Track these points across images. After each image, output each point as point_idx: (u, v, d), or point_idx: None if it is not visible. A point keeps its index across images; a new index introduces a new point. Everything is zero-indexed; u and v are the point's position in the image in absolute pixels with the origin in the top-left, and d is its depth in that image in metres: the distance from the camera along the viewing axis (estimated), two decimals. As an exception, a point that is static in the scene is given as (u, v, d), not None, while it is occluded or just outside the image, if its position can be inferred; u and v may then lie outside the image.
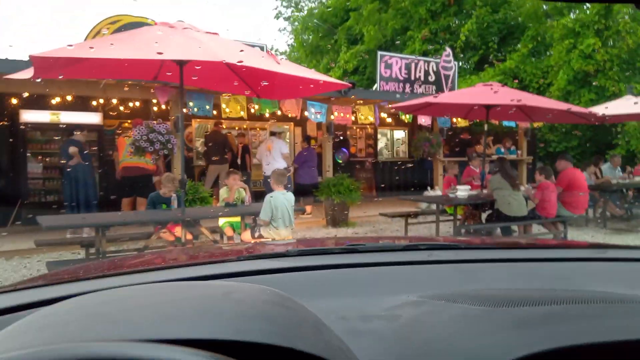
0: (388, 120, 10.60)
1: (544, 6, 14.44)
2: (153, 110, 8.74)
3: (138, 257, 1.62)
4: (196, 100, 7.47)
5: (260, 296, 0.66)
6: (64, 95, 7.49)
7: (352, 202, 8.82)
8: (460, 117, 9.71)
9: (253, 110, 8.24)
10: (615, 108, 8.81)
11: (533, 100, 6.88)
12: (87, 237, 5.80)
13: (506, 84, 9.21)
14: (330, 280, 0.90)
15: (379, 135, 13.60)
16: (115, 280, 0.94)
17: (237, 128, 11.26)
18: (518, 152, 11.70)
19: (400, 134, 13.92)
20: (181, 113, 5.47)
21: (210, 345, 0.47)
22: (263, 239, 5.01)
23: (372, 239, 2.10)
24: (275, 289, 0.69)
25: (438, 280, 0.91)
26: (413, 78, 11.62)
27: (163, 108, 8.26)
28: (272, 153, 8.75)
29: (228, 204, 5.67)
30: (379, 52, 11.58)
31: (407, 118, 10.12)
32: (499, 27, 16.15)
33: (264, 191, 7.22)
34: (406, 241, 1.53)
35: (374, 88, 11.44)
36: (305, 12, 22.57)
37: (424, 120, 9.84)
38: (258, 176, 10.22)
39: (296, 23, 22.80)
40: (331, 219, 8.77)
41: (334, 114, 8.88)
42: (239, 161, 10.01)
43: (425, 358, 0.59)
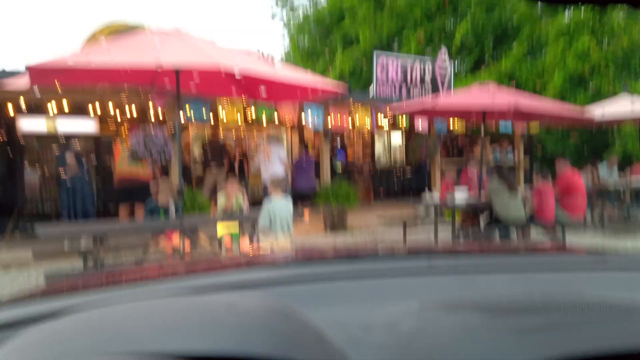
0: (385, 124, 10.62)
1: (539, 6, 14.51)
2: (150, 116, 8.74)
3: (137, 268, 1.62)
4: (193, 106, 7.47)
5: (261, 308, 0.66)
6: (61, 103, 7.48)
7: (350, 208, 8.82)
8: (457, 118, 9.73)
9: (250, 116, 8.25)
10: (611, 109, 8.84)
11: (529, 101, 6.90)
12: (85, 247, 5.78)
13: (502, 85, 9.25)
14: (330, 289, 0.89)
15: (376, 139, 13.62)
16: (115, 292, 0.94)
17: (234, 134, 11.26)
18: (515, 156, 11.73)
19: (397, 138, 13.94)
20: (177, 119, 5.47)
21: (213, 358, 0.47)
22: (262, 246, 5.00)
23: (371, 246, 2.10)
24: (275, 300, 0.69)
25: (437, 288, 0.91)
26: (409, 79, 11.65)
27: (160, 115, 8.26)
28: (271, 159, 8.75)
29: (226, 212, 5.66)
30: (375, 52, 11.59)
31: (404, 122, 10.14)
32: (494, 28, 16.22)
33: (263, 197, 7.22)
34: (405, 248, 1.53)
35: (370, 91, 11.46)
36: (300, 13, 22.60)
37: (421, 124, 9.87)
38: (256, 182, 10.22)
39: (292, 23, 22.80)
40: (329, 225, 8.76)
41: (331, 117, 8.88)
42: (237, 167, 10.01)
43: None
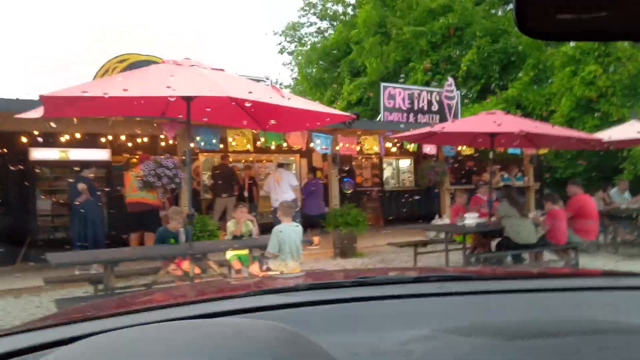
0: (393, 150, 10.65)
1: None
2: (161, 145, 8.85)
3: (147, 294, 1.62)
4: (203, 134, 7.56)
5: (270, 333, 0.66)
6: (73, 132, 7.60)
7: (360, 233, 8.78)
8: (465, 145, 9.75)
9: (259, 142, 8.32)
10: (619, 134, 8.81)
11: (536, 128, 6.91)
12: (96, 274, 5.79)
13: (509, 112, 9.27)
14: (340, 314, 0.89)
15: (385, 164, 13.64)
16: (125, 318, 0.94)
17: (244, 161, 11.35)
18: (525, 179, 11.67)
19: (405, 163, 13.95)
20: (188, 148, 5.53)
21: None
22: (271, 272, 4.97)
23: (382, 271, 2.08)
24: (285, 326, 0.69)
25: (449, 313, 0.90)
26: (416, 108, 11.73)
27: (170, 143, 8.37)
28: (281, 185, 8.77)
29: (236, 237, 5.66)
30: (382, 84, 11.71)
31: (413, 147, 10.17)
32: (500, 57, 16.35)
33: (273, 223, 7.21)
34: (416, 272, 1.52)
35: (378, 119, 11.54)
36: (308, 47, 23.06)
37: (429, 149, 9.88)
38: (265, 208, 10.23)
39: (299, 57, 23.25)
40: (339, 250, 8.71)
41: (339, 145, 8.94)
42: (246, 194, 10.04)
43: None
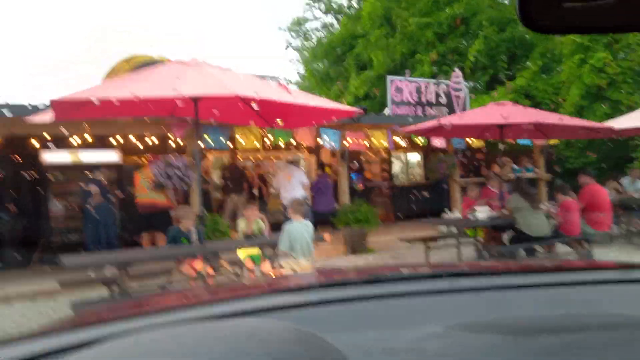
0: (402, 144, 10.61)
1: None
2: (170, 145, 8.90)
3: (161, 296, 1.64)
4: (212, 133, 7.59)
5: (283, 333, 0.66)
6: (84, 135, 7.67)
7: (371, 229, 8.77)
8: (474, 137, 9.69)
9: (268, 140, 8.34)
10: (630, 122, 8.70)
11: (546, 118, 6.85)
12: (110, 275, 5.85)
13: (518, 102, 9.20)
14: (352, 313, 0.89)
15: (394, 159, 13.59)
16: (140, 321, 0.95)
17: (253, 159, 11.38)
18: (535, 170, 11.57)
19: (415, 157, 13.89)
20: (197, 147, 5.56)
21: None
22: (283, 270, 4.99)
23: (393, 268, 2.08)
24: (297, 325, 0.69)
25: (462, 309, 0.90)
26: (424, 101, 11.65)
27: (180, 143, 8.42)
28: (292, 182, 8.78)
29: (247, 236, 5.68)
30: (389, 77, 11.63)
31: (421, 141, 10.12)
32: (507, 46, 16.19)
33: (283, 221, 7.23)
34: (428, 268, 1.52)
35: (385, 112, 11.49)
36: (314, 41, 23.02)
37: (438, 142, 9.84)
38: (276, 206, 10.25)
39: (305, 53, 23.23)
40: (350, 247, 8.71)
41: (348, 140, 8.93)
42: (256, 192, 10.07)
43: None
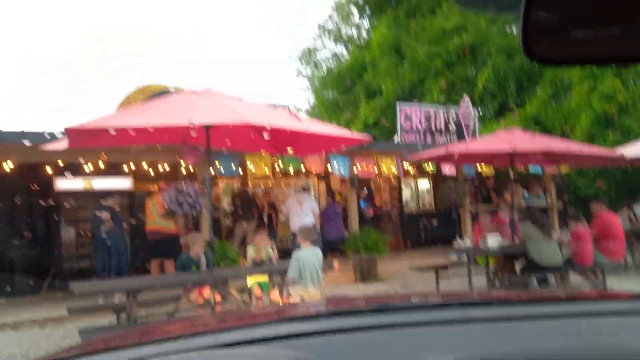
0: (411, 171, 10.60)
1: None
2: (182, 172, 8.98)
3: (169, 324, 1.63)
4: (223, 160, 7.66)
5: None
6: (96, 162, 7.77)
7: (380, 256, 8.69)
8: (484, 164, 9.66)
9: (278, 167, 8.39)
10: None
11: (556, 145, 6.82)
12: (119, 302, 5.84)
13: (528, 129, 9.18)
14: (361, 342, 0.89)
15: (403, 186, 13.56)
16: (148, 348, 0.95)
17: (263, 185, 11.42)
18: (547, 198, 11.46)
19: (424, 184, 13.85)
20: (208, 174, 5.61)
21: None
22: (291, 298, 4.94)
23: (403, 296, 2.06)
24: (306, 353, 0.69)
25: (473, 340, 0.89)
26: (433, 128, 11.69)
27: (191, 169, 8.49)
28: (303, 209, 8.78)
29: (256, 263, 5.66)
30: (398, 104, 11.72)
31: (431, 168, 10.10)
32: (516, 73, 16.27)
33: (292, 248, 7.20)
34: (438, 297, 1.50)
35: (395, 139, 11.53)
36: (323, 69, 23.35)
37: (448, 169, 9.82)
38: (285, 232, 10.22)
39: (315, 79, 23.53)
40: (359, 274, 8.62)
41: (357, 167, 8.95)
42: (266, 218, 10.07)
43: None
